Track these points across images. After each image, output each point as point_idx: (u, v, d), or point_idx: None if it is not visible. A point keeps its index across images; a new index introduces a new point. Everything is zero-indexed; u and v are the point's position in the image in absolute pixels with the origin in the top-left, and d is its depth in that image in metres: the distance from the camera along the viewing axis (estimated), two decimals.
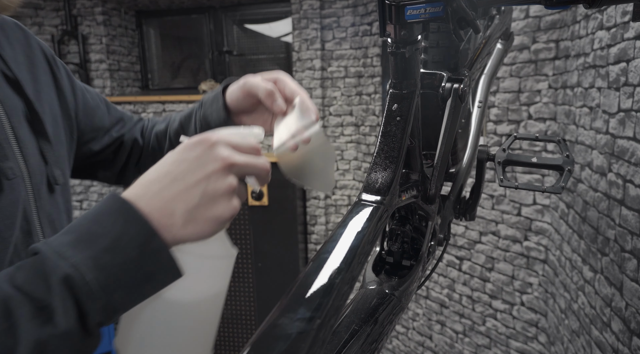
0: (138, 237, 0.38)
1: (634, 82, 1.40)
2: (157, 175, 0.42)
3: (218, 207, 0.42)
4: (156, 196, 0.41)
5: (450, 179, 0.81)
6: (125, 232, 0.38)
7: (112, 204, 0.40)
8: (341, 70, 3.53)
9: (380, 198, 0.47)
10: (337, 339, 0.46)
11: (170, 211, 0.40)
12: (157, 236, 0.39)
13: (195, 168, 0.42)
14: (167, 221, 0.40)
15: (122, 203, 0.40)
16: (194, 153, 0.42)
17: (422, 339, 3.16)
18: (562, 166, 0.80)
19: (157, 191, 0.41)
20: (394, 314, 0.54)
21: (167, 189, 0.41)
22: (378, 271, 0.61)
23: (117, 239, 0.38)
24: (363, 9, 3.39)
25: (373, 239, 0.45)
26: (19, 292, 0.35)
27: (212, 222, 0.42)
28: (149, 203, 0.40)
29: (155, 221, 0.39)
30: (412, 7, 0.47)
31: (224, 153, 0.43)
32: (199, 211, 0.41)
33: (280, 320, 0.35)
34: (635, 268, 1.38)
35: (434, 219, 0.65)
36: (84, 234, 0.38)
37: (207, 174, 0.42)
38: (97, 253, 0.37)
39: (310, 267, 0.41)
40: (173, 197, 0.41)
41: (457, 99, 0.65)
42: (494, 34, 0.95)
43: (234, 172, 0.43)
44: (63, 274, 0.36)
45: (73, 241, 0.38)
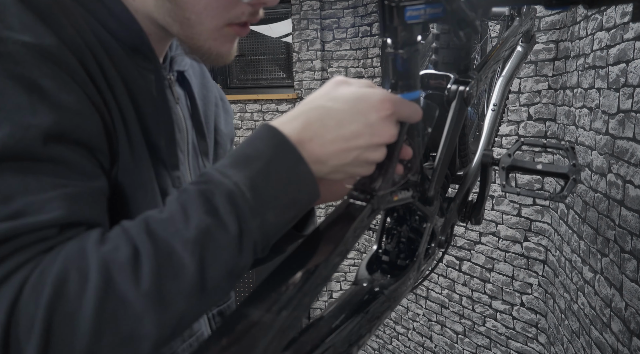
0: (288, 162, 0.41)
1: (634, 82, 1.41)
2: (327, 120, 0.43)
3: (360, 171, 0.46)
4: (319, 144, 0.43)
5: (458, 182, 0.81)
6: (276, 156, 0.41)
7: (264, 130, 0.43)
8: (341, 70, 3.53)
9: (368, 197, 0.47)
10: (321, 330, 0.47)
11: (323, 161, 0.43)
12: (304, 162, 0.42)
13: (365, 134, 0.44)
14: (316, 167, 0.43)
15: (273, 130, 0.42)
16: (370, 118, 0.44)
17: (422, 340, 3.16)
18: (567, 175, 0.80)
19: (324, 141, 0.43)
20: (381, 312, 0.54)
21: (331, 143, 0.43)
22: (373, 269, 0.62)
23: (270, 162, 0.41)
24: (363, 9, 3.39)
25: (356, 236, 0.46)
26: (191, 201, 0.39)
27: (348, 180, 0.47)
28: (308, 148, 0.42)
29: (305, 157, 0.42)
30: (412, 8, 0.47)
31: (393, 130, 0.46)
32: (345, 168, 0.45)
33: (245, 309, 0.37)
34: (635, 268, 1.38)
35: (432, 221, 0.65)
36: (240, 157, 0.41)
37: (371, 144, 0.44)
38: (253, 174, 0.40)
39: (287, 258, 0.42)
40: (332, 151, 0.43)
41: (462, 101, 0.65)
42: (512, 36, 0.94)
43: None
44: (227, 190, 0.39)
45: (232, 163, 0.41)
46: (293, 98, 3.69)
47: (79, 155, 0.42)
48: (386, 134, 0.45)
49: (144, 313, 0.35)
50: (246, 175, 0.40)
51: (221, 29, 0.51)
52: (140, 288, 0.35)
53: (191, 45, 0.52)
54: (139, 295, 0.35)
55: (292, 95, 3.68)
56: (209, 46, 0.52)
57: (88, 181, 0.42)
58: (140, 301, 0.35)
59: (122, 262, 0.35)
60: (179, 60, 0.63)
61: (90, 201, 0.42)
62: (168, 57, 0.61)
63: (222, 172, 0.40)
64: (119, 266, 0.35)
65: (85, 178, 0.42)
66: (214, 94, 0.72)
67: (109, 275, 0.35)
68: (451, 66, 0.70)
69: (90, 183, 0.42)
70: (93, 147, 0.44)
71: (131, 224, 0.39)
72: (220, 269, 0.38)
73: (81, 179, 0.41)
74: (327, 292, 3.84)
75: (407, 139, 0.53)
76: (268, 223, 0.40)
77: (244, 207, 0.39)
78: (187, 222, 0.37)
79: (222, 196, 0.38)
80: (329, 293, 3.85)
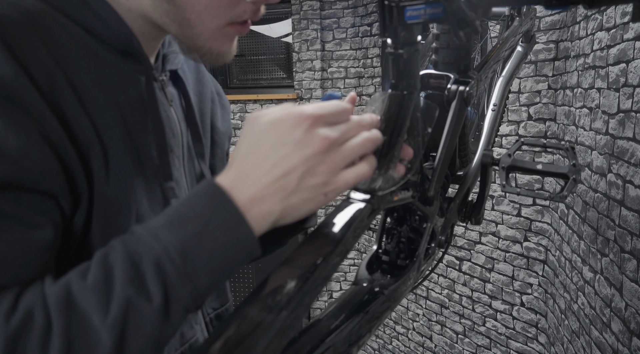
0: (226, 223, 0.39)
1: (634, 82, 1.41)
2: (254, 159, 0.41)
3: (315, 189, 0.42)
4: (254, 183, 0.40)
5: (458, 182, 0.81)
6: (214, 217, 0.39)
7: (205, 189, 0.41)
8: (341, 70, 3.53)
9: (368, 197, 0.47)
10: (321, 330, 0.47)
11: (268, 202, 0.40)
12: (245, 223, 0.39)
13: (294, 151, 0.40)
14: (265, 213, 0.40)
15: (215, 189, 0.40)
16: (293, 136, 0.41)
17: (422, 340, 3.16)
18: (567, 175, 0.80)
19: (256, 177, 0.40)
20: (381, 312, 0.54)
21: (265, 176, 0.40)
22: (373, 269, 0.62)
23: (207, 223, 0.38)
24: (363, 9, 3.39)
25: (356, 236, 0.46)
26: (118, 265, 0.37)
27: (309, 204, 0.42)
28: (245, 191, 0.40)
29: (246, 208, 0.39)
30: (412, 8, 0.47)
31: (323, 132, 0.41)
32: (295, 195, 0.41)
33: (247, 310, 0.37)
34: (635, 268, 1.38)
35: (432, 221, 0.65)
36: (176, 217, 0.39)
37: (306, 157, 0.41)
38: (186, 237, 0.38)
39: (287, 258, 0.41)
40: (270, 183, 0.40)
41: (462, 101, 0.65)
42: (512, 36, 0.94)
43: (335, 149, 0.42)
44: (155, 256, 0.37)
45: (166, 223, 0.39)
46: (293, 98, 3.69)
47: (18, 204, 0.39)
48: (320, 140, 0.41)
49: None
50: (179, 238, 0.37)
51: (222, 29, 0.49)
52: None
53: (190, 45, 0.50)
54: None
55: (292, 95, 3.68)
56: (210, 46, 0.50)
57: (26, 232, 0.39)
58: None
59: (33, 336, 0.34)
60: (172, 58, 0.60)
61: (21, 258, 0.39)
62: (160, 55, 0.58)
63: (154, 234, 0.38)
64: (29, 339, 0.34)
65: (22, 230, 0.39)
66: (209, 89, 0.69)
67: (16, 349, 0.33)
68: (451, 66, 0.70)
69: (28, 235, 0.39)
70: (42, 191, 0.40)
71: (53, 289, 0.37)
72: (142, 341, 0.36)
73: (15, 233, 0.39)
74: (327, 292, 3.84)
75: (407, 139, 0.53)
76: (201, 287, 0.38)
77: (172, 274, 0.37)
78: (110, 293, 0.36)
79: (149, 262, 0.37)
80: (329, 293, 3.85)
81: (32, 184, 0.39)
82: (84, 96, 0.44)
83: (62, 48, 0.44)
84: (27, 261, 0.40)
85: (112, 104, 0.47)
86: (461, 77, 0.68)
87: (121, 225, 0.48)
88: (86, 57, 0.46)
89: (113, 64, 0.49)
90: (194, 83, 0.66)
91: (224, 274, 0.40)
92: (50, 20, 0.44)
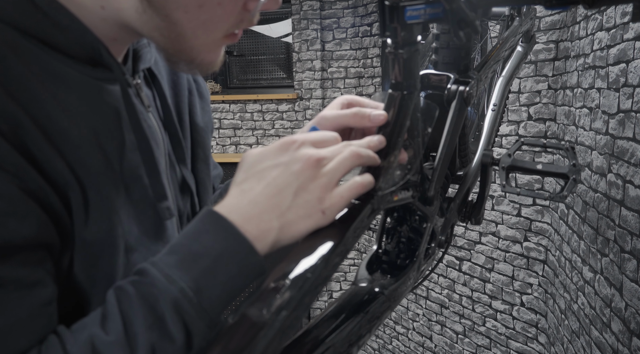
0: (237, 255, 0.40)
1: (634, 82, 1.41)
2: (249, 183, 0.43)
3: (310, 205, 0.43)
4: (250, 202, 0.41)
5: (458, 182, 0.81)
6: (225, 251, 0.39)
7: (209, 221, 0.41)
8: (341, 71, 3.53)
9: (368, 197, 0.47)
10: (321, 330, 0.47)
11: (266, 219, 0.41)
12: (254, 251, 0.40)
13: (286, 170, 0.42)
14: (264, 231, 0.41)
15: (219, 219, 0.41)
16: (283, 158, 0.43)
17: (422, 340, 3.16)
18: (567, 175, 0.80)
19: (252, 197, 0.42)
20: (381, 312, 0.54)
21: (260, 194, 0.42)
22: (373, 269, 0.62)
23: (218, 258, 0.39)
24: (363, 9, 3.39)
25: (356, 236, 0.46)
26: (135, 312, 0.37)
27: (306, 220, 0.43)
28: (245, 216, 0.41)
29: (251, 234, 0.40)
30: (412, 8, 0.47)
31: (309, 151, 0.43)
32: (291, 211, 0.42)
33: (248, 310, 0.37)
34: (635, 268, 1.38)
35: (432, 221, 0.65)
36: (187, 255, 0.39)
37: (297, 173, 0.42)
38: (199, 274, 0.38)
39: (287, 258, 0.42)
40: (265, 200, 0.41)
41: (462, 101, 0.65)
42: (512, 36, 0.94)
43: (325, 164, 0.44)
44: (172, 298, 0.37)
45: (178, 263, 0.39)
46: (293, 98, 3.69)
47: (15, 266, 0.37)
48: (306, 157, 0.43)
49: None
50: (192, 277, 0.38)
51: (217, 41, 0.47)
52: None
53: (181, 58, 0.47)
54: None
55: (292, 95, 3.68)
56: (202, 58, 0.47)
57: (28, 294, 0.38)
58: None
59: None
60: (144, 54, 0.55)
61: (28, 324, 0.38)
62: (130, 52, 0.53)
63: (167, 275, 0.38)
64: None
65: (24, 293, 0.38)
66: (185, 77, 0.64)
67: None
68: (451, 66, 0.70)
69: (30, 298, 0.38)
70: (34, 245, 0.39)
71: (77, 348, 0.36)
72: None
73: (18, 297, 0.37)
74: (327, 292, 3.84)
75: (407, 139, 0.53)
76: (216, 315, 0.39)
77: (191, 312, 0.38)
78: (134, 342, 0.36)
79: (166, 304, 0.37)
80: (329, 293, 3.85)
81: (23, 242, 0.38)
82: (52, 132, 0.40)
83: (19, 82, 0.39)
84: (36, 321, 0.39)
85: (86, 132, 0.43)
86: (461, 77, 0.68)
87: (107, 265, 0.46)
88: (48, 83, 0.41)
89: (79, 80, 0.44)
90: (168, 73, 0.61)
91: (235, 298, 0.41)
92: (1, 47, 0.39)
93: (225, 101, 3.85)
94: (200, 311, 0.38)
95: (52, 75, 0.42)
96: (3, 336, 0.36)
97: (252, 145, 3.87)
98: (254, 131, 3.85)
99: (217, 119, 3.88)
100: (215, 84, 3.97)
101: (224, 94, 3.92)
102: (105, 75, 0.47)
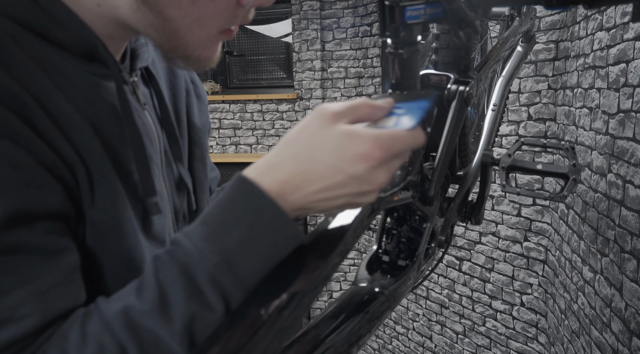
0: (271, 225, 0.38)
1: (634, 82, 1.41)
2: (309, 173, 0.39)
3: (349, 207, 0.43)
4: (301, 196, 0.39)
5: (458, 182, 0.81)
6: (258, 221, 0.38)
7: (241, 189, 0.39)
8: (341, 71, 3.53)
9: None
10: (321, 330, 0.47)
11: (307, 209, 0.40)
12: (288, 220, 0.39)
13: (352, 184, 0.39)
14: (301, 213, 0.41)
15: (251, 189, 0.39)
16: (357, 169, 0.39)
17: (422, 340, 3.16)
18: (567, 175, 0.80)
19: (307, 193, 0.39)
20: (381, 312, 0.54)
21: (315, 193, 0.39)
22: (373, 269, 0.62)
23: (251, 229, 0.38)
24: (363, 9, 3.39)
25: (356, 236, 0.46)
26: (172, 282, 0.37)
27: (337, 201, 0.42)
28: (291, 200, 0.39)
29: (288, 213, 0.39)
30: (412, 8, 0.47)
31: (384, 178, 0.40)
32: (333, 211, 0.44)
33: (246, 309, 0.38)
34: (635, 268, 1.38)
35: (432, 221, 0.65)
36: (219, 227, 0.38)
37: (360, 191, 0.40)
38: (233, 245, 0.38)
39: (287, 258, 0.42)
40: (317, 200, 0.40)
41: (462, 101, 0.65)
42: (512, 36, 0.94)
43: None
44: (208, 272, 0.37)
45: (210, 235, 0.38)
46: (293, 98, 3.69)
47: (40, 233, 0.38)
48: (377, 182, 0.40)
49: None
50: (226, 248, 0.38)
51: (212, 37, 0.47)
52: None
53: (176, 54, 0.47)
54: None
55: (292, 95, 3.68)
56: (198, 54, 0.47)
57: (56, 260, 0.39)
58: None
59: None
60: (142, 53, 0.55)
61: (62, 287, 0.39)
62: (127, 51, 0.54)
63: (200, 249, 0.38)
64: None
65: (52, 258, 0.39)
66: (183, 78, 0.64)
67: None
68: (451, 66, 0.70)
69: (59, 263, 0.39)
70: (55, 215, 0.40)
71: (112, 316, 0.37)
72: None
73: (48, 261, 0.38)
74: (327, 292, 3.84)
75: None
76: (252, 284, 0.39)
77: (228, 284, 0.38)
78: (172, 311, 0.36)
79: (204, 277, 0.37)
80: (329, 293, 3.85)
81: (44, 211, 0.39)
82: (55, 115, 0.41)
83: (21, 67, 0.40)
84: (70, 285, 0.40)
85: (85, 120, 0.44)
86: (461, 77, 0.68)
87: (114, 247, 0.46)
88: (47, 71, 0.42)
89: (77, 74, 0.45)
90: (166, 73, 0.62)
91: (271, 267, 0.40)
92: (2, 35, 0.41)
93: (225, 101, 3.85)
94: (236, 281, 0.38)
95: (51, 66, 0.43)
96: (42, 298, 0.37)
97: (252, 145, 3.87)
98: (254, 131, 3.85)
99: (217, 119, 3.88)
100: (215, 84, 3.97)
101: (224, 94, 3.92)
102: (101, 71, 0.47)
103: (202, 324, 0.37)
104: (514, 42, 0.98)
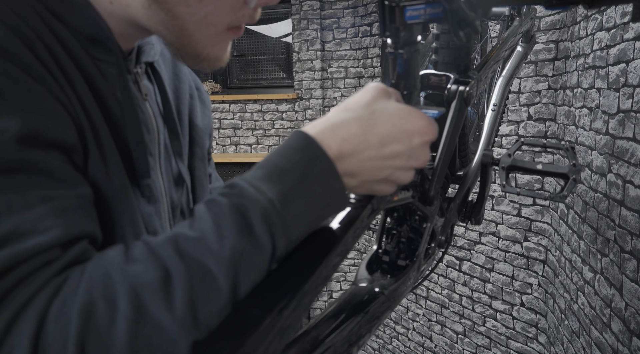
0: (323, 177, 0.40)
1: (634, 82, 1.41)
2: (370, 136, 0.42)
3: (383, 189, 0.45)
4: (357, 160, 0.41)
5: (458, 182, 0.81)
6: (312, 170, 0.39)
7: (298, 141, 0.41)
8: (341, 70, 3.53)
9: (368, 197, 0.47)
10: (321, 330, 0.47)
11: (355, 175, 0.42)
12: (340, 180, 0.40)
13: (404, 155, 0.43)
14: (346, 180, 0.42)
15: (308, 140, 0.40)
16: (414, 141, 0.43)
17: (422, 340, 3.16)
18: (567, 175, 0.80)
19: (362, 157, 0.42)
20: (381, 312, 0.54)
21: (370, 159, 0.42)
22: (373, 269, 0.62)
23: (305, 176, 0.39)
24: (363, 9, 3.39)
25: (356, 236, 0.46)
26: (225, 217, 0.37)
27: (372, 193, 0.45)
28: (346, 162, 0.41)
29: (336, 160, 0.41)
30: (412, 8, 0.47)
31: (428, 156, 0.45)
32: (371, 185, 0.44)
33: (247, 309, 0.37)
34: (635, 268, 1.38)
35: (432, 221, 0.65)
36: (275, 169, 0.39)
37: (406, 165, 0.44)
38: (286, 188, 0.38)
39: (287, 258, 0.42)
40: (368, 167, 0.42)
41: (462, 101, 0.65)
42: (512, 36, 0.94)
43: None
44: (262, 208, 0.37)
45: (266, 176, 0.39)
46: (293, 98, 3.69)
47: (56, 159, 0.38)
48: (422, 159, 0.45)
49: (179, 337, 0.33)
50: (280, 190, 0.38)
51: (220, 34, 0.48)
52: (174, 312, 0.33)
53: (187, 52, 0.48)
54: (174, 320, 0.33)
55: (292, 95, 3.68)
56: (207, 52, 0.48)
57: (72, 188, 0.39)
58: (175, 326, 0.33)
59: (154, 287, 0.33)
60: (147, 50, 0.56)
61: (80, 211, 0.38)
62: (135, 47, 0.55)
63: (256, 186, 0.38)
64: (150, 291, 0.33)
65: (68, 185, 0.38)
66: (187, 83, 0.66)
67: (140, 302, 0.32)
68: (451, 66, 0.70)
69: (74, 191, 0.39)
70: (68, 148, 0.40)
71: (158, 242, 0.36)
72: (250, 287, 0.38)
73: (65, 187, 0.38)
74: (327, 292, 3.84)
75: None
76: (293, 239, 0.39)
77: (278, 225, 0.38)
78: (222, 242, 0.36)
79: (256, 214, 0.37)
80: (329, 293, 3.85)
81: (59, 139, 0.38)
82: (65, 68, 0.42)
83: (33, 22, 0.41)
84: (87, 214, 0.39)
85: (89, 89, 0.45)
86: (461, 77, 0.68)
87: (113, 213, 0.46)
88: (57, 38, 0.43)
89: (82, 55, 0.45)
90: (171, 78, 0.63)
91: (313, 227, 0.41)
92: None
93: (225, 101, 3.85)
94: (284, 226, 0.38)
95: (61, 32, 0.44)
96: (64, 214, 0.36)
97: (252, 145, 3.87)
98: (254, 131, 3.85)
99: (217, 119, 3.88)
100: (215, 84, 3.97)
101: (224, 94, 3.92)
102: (104, 56, 0.48)
103: (248, 264, 0.36)
104: (514, 42, 0.98)
